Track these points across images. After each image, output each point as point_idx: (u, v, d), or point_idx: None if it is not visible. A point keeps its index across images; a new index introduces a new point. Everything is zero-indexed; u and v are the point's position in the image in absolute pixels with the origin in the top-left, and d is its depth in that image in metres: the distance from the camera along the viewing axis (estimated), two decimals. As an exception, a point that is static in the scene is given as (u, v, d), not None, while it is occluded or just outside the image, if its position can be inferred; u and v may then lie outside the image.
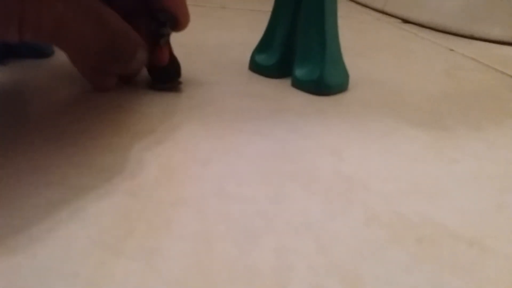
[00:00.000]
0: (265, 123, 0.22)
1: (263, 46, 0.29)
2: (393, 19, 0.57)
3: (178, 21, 0.23)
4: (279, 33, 0.28)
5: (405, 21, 0.57)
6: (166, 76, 0.25)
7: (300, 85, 0.27)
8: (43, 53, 0.26)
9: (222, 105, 0.24)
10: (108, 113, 0.21)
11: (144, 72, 0.25)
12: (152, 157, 0.18)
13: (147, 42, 0.22)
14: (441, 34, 0.52)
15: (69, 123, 0.19)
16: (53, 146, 0.17)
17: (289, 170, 0.18)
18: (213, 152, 0.19)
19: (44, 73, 0.25)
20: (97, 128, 0.19)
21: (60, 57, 0.27)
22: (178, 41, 0.27)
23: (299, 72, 0.27)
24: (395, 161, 0.20)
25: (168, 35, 0.24)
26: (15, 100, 0.21)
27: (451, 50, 0.45)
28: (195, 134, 0.20)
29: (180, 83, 0.25)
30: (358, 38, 0.28)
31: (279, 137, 0.21)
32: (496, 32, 0.51)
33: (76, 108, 0.21)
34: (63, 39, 0.18)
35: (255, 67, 0.29)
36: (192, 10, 0.24)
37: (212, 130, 0.21)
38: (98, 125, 0.20)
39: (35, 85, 0.23)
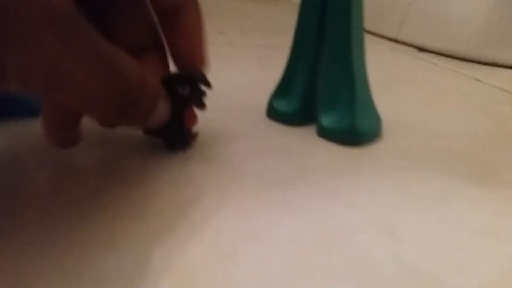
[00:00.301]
0: (296, 189, 0.19)
1: (282, 90, 0.26)
2: (408, 48, 0.54)
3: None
4: (300, 75, 0.25)
5: (421, 49, 0.54)
6: (179, 136, 0.21)
7: (328, 135, 0.24)
8: (34, 110, 0.23)
9: (243, 167, 0.20)
10: (111, 188, 0.17)
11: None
12: (162, 254, 0.14)
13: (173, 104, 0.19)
14: (462, 63, 0.49)
15: (62, 206, 0.16)
16: (40, 246, 0.14)
17: (337, 262, 0.14)
18: (238, 240, 0.15)
19: (37, 135, 0.21)
20: (96, 212, 0.16)
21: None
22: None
23: (326, 120, 0.24)
24: (464, 238, 0.16)
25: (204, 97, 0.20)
26: (4, 174, 0.18)
27: (479, 80, 0.42)
28: (214, 214, 0.16)
29: (196, 135, 0.22)
30: (376, 71, 0.25)
31: (316, 211, 0.17)
32: (521, 58, 0.48)
33: (72, 183, 0.18)
34: (59, 90, 0.14)
35: (274, 114, 0.26)
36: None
37: (234, 206, 0.17)
38: (96, 208, 0.16)
39: (25, 152, 0.20)
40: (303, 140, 0.24)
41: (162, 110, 0.18)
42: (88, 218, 0.15)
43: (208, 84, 0.20)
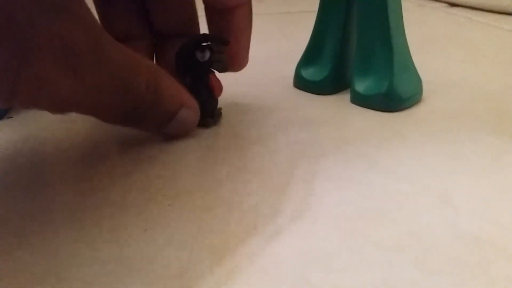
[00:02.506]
0: (334, 161, 0.17)
1: (310, 57, 0.24)
2: (438, 4, 0.51)
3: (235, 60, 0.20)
4: (329, 40, 0.23)
5: (452, 4, 0.50)
6: (209, 109, 0.20)
7: (364, 101, 0.22)
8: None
9: (274, 141, 0.19)
10: (139, 171, 0.16)
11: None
12: (201, 237, 0.13)
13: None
14: (496, 15, 0.46)
15: (89, 192, 0.15)
16: (70, 232, 0.13)
17: (389, 235, 0.13)
18: (278, 217, 0.14)
19: (56, 123, 0.21)
20: (126, 197, 0.15)
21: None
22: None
23: (360, 85, 0.22)
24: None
25: (225, 59, 0.19)
26: (25, 160, 0.17)
27: (520, 32, 0.39)
28: (250, 191, 0.15)
29: (220, 113, 0.20)
30: (408, 30, 0.22)
31: (359, 182, 0.16)
32: None
33: (95, 167, 0.17)
34: (69, 111, 0.14)
35: (303, 84, 0.24)
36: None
37: (270, 182, 0.16)
38: (126, 192, 0.15)
39: (46, 139, 0.19)
40: (337, 109, 0.22)
41: (186, 120, 0.17)
42: (118, 203, 0.14)
43: (226, 42, 0.19)
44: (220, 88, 0.19)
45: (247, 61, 0.20)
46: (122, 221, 0.14)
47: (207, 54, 0.18)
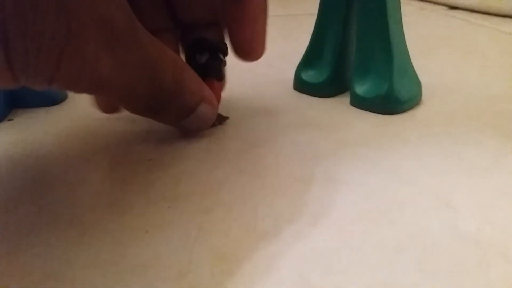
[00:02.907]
0: (334, 163, 0.17)
1: (309, 60, 0.24)
2: (438, 7, 0.51)
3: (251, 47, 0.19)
4: (329, 42, 0.23)
5: (452, 7, 0.50)
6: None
7: (364, 103, 0.22)
8: (53, 100, 0.22)
9: (274, 144, 0.19)
10: (140, 174, 0.16)
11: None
12: (201, 239, 0.13)
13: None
14: (496, 18, 0.46)
15: (91, 195, 0.15)
16: (72, 234, 0.13)
17: (389, 237, 0.13)
18: (278, 218, 0.14)
19: (57, 125, 0.21)
20: (127, 199, 0.15)
21: (73, 102, 0.23)
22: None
23: (360, 87, 0.22)
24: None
25: (222, 68, 0.19)
26: (25, 163, 0.17)
27: (519, 35, 0.39)
28: (251, 194, 0.15)
29: (226, 118, 0.20)
30: (409, 33, 0.22)
31: (359, 184, 0.16)
32: None
33: (96, 169, 0.17)
34: (99, 93, 0.14)
35: (303, 86, 0.24)
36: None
37: (270, 184, 0.16)
38: (127, 195, 0.15)
39: (47, 141, 0.19)
40: (336, 111, 0.22)
41: (204, 115, 0.17)
42: (119, 205, 0.14)
43: (225, 53, 0.19)
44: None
45: (264, 49, 0.20)
46: (122, 223, 0.14)
47: (204, 57, 0.18)
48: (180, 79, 0.16)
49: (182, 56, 0.19)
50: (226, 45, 0.19)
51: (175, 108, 0.17)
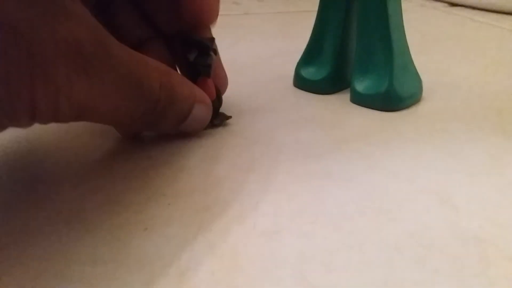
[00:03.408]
0: (334, 160, 0.17)
1: (309, 57, 0.24)
2: (439, 4, 0.50)
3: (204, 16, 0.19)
4: (329, 39, 0.23)
5: (453, 4, 0.50)
6: (212, 111, 0.19)
7: (364, 100, 0.22)
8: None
9: (274, 141, 0.19)
10: (139, 171, 0.16)
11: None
12: (201, 236, 0.13)
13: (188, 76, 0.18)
14: (497, 15, 0.45)
15: (88, 193, 0.15)
16: (71, 233, 0.13)
17: (389, 234, 0.13)
18: (279, 216, 0.14)
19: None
20: (126, 197, 0.15)
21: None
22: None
23: (360, 84, 0.22)
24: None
25: (211, 65, 0.19)
26: (24, 160, 0.17)
27: (520, 32, 0.38)
28: (250, 190, 0.15)
29: (228, 118, 0.20)
30: (409, 30, 0.22)
31: (359, 181, 0.16)
32: None
33: (95, 166, 0.17)
34: (88, 119, 0.14)
35: (303, 83, 0.24)
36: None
37: (270, 181, 0.16)
38: (125, 192, 0.15)
39: (46, 138, 0.19)
40: (336, 108, 0.22)
41: (199, 116, 0.17)
42: (118, 203, 0.14)
43: (214, 51, 0.19)
44: (208, 93, 0.19)
45: (217, 13, 0.19)
46: (121, 220, 0.14)
47: (193, 55, 0.18)
48: (169, 86, 0.16)
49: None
50: (213, 40, 0.19)
51: (172, 115, 0.16)
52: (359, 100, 0.22)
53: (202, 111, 0.17)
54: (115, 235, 0.13)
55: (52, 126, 0.20)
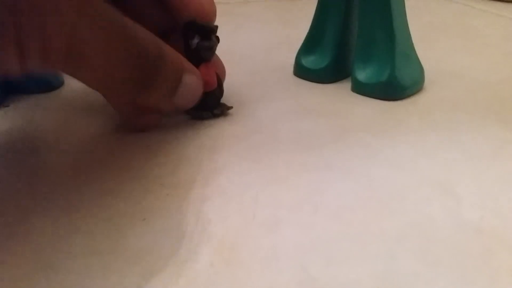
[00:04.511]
0: (335, 151, 0.17)
1: (310, 45, 0.24)
2: (440, -8, 0.50)
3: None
4: (330, 27, 0.23)
5: (455, -8, 0.49)
6: (213, 101, 0.19)
7: (365, 89, 0.22)
8: (50, 86, 0.22)
9: (274, 131, 0.19)
10: (137, 162, 0.16)
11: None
12: (200, 227, 0.13)
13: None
14: (499, 4, 0.45)
15: (86, 183, 0.15)
16: (68, 224, 0.13)
17: (390, 225, 0.13)
18: (278, 207, 0.14)
19: (54, 111, 0.20)
20: (124, 188, 0.15)
21: (70, 87, 0.23)
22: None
23: (361, 73, 0.22)
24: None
25: (213, 49, 0.19)
26: (22, 150, 0.17)
27: (523, 20, 0.38)
28: (249, 181, 0.15)
29: (229, 108, 0.20)
30: (410, 19, 0.22)
31: (360, 172, 0.16)
32: None
33: (93, 156, 0.17)
34: (79, 65, 0.14)
35: (303, 72, 0.24)
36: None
37: (270, 171, 0.16)
38: (124, 183, 0.15)
39: (44, 128, 0.19)
40: (337, 98, 0.22)
41: (191, 86, 0.17)
42: (116, 193, 0.14)
43: (217, 38, 0.19)
44: (209, 82, 0.18)
45: (215, 12, 0.19)
46: (119, 210, 0.13)
47: (195, 41, 0.18)
48: (158, 46, 0.16)
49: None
50: (216, 27, 0.19)
51: (162, 80, 0.16)
52: (360, 89, 0.22)
53: (193, 80, 0.17)
54: (113, 226, 0.13)
55: (50, 116, 0.20)
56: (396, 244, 0.12)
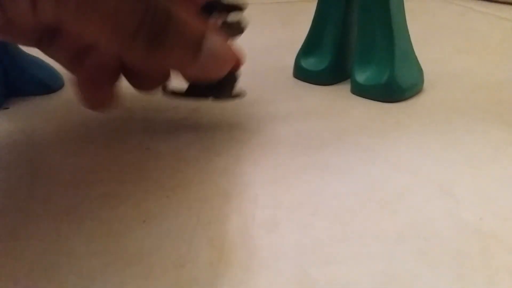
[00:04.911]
0: (334, 152, 0.17)
1: (310, 47, 0.24)
2: (439, -6, 0.50)
3: None
4: (329, 29, 0.23)
5: (454, -6, 0.49)
6: (230, 83, 0.18)
7: (365, 91, 0.22)
8: (49, 88, 0.22)
9: (273, 133, 0.19)
10: (136, 163, 0.16)
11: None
12: (200, 228, 0.13)
13: None
14: (499, 5, 0.45)
15: (84, 185, 0.15)
16: (67, 225, 0.13)
17: (389, 226, 0.13)
18: (277, 208, 0.14)
19: (54, 113, 0.20)
20: (123, 189, 0.15)
21: (70, 90, 0.23)
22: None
23: (361, 75, 0.22)
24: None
25: (243, 24, 0.17)
26: (22, 152, 0.17)
27: (522, 22, 0.38)
28: (248, 182, 0.15)
29: (243, 95, 0.18)
30: (409, 21, 0.22)
31: (359, 173, 0.16)
32: None
33: (93, 158, 0.17)
34: (90, 13, 0.13)
35: (303, 74, 0.24)
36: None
37: (271, 173, 0.16)
38: (123, 185, 0.15)
39: (43, 130, 0.19)
40: (337, 99, 0.22)
41: (216, 49, 0.15)
42: (116, 196, 0.14)
43: (240, 7, 0.17)
44: (239, 60, 0.17)
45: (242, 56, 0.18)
46: (119, 212, 0.13)
47: (219, 21, 0.16)
48: (170, 10, 0.14)
49: None
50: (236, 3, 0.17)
51: (176, 41, 0.15)
52: (360, 91, 0.22)
53: (217, 43, 0.15)
54: (113, 227, 0.13)
55: (50, 118, 0.20)
56: (395, 244, 0.12)
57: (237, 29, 0.17)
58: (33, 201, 0.14)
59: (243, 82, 0.25)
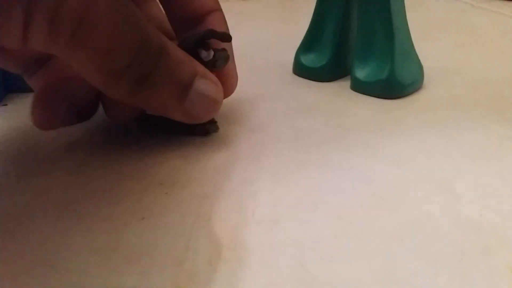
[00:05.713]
0: (334, 149, 0.17)
1: (309, 43, 0.24)
2: (440, -10, 0.50)
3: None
4: (329, 25, 0.23)
5: (454, -10, 0.49)
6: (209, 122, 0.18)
7: (365, 87, 0.22)
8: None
9: (273, 129, 0.18)
10: (136, 160, 0.16)
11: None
12: (199, 226, 0.13)
13: None
14: (499, 2, 0.45)
15: (85, 181, 0.15)
16: (67, 221, 0.13)
17: (389, 223, 0.13)
18: (278, 205, 0.14)
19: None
20: (123, 186, 0.15)
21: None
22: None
23: (361, 71, 0.22)
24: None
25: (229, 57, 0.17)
26: (20, 149, 0.17)
27: (523, 18, 0.38)
28: (249, 179, 0.15)
29: (215, 126, 0.18)
30: (410, 17, 0.22)
31: (359, 170, 0.16)
32: None
33: (92, 155, 0.17)
34: (84, 43, 0.12)
35: (302, 70, 0.24)
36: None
37: (269, 170, 0.16)
38: (123, 181, 0.15)
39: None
40: (336, 96, 0.22)
41: (205, 91, 0.15)
42: (114, 192, 0.14)
43: (228, 39, 0.17)
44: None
45: (237, 79, 0.19)
46: (118, 209, 0.13)
47: (212, 53, 0.16)
48: (165, 46, 0.14)
49: None
50: (222, 31, 0.18)
51: (166, 80, 0.14)
52: (360, 87, 0.22)
53: (208, 86, 0.15)
54: (112, 224, 0.13)
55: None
56: (395, 241, 0.12)
57: (224, 58, 0.17)
58: (31, 198, 0.14)
59: (242, 78, 0.25)
